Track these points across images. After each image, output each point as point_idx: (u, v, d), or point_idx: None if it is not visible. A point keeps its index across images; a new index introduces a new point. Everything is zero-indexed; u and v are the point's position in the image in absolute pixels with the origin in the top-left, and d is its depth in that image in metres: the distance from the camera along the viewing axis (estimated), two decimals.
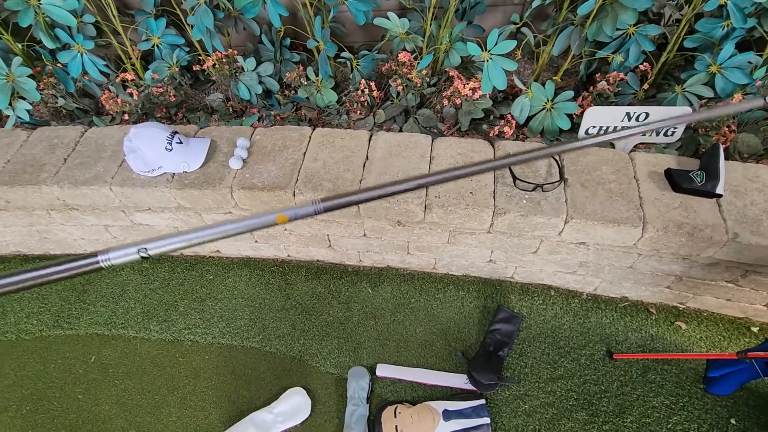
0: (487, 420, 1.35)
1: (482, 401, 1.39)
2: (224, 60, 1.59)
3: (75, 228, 1.71)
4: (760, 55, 1.39)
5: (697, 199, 1.27)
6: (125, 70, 1.67)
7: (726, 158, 1.36)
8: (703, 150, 1.40)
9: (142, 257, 0.49)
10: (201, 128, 1.60)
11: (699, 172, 1.28)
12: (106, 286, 1.77)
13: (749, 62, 1.37)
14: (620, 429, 1.37)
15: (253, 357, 1.57)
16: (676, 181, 1.29)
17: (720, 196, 1.26)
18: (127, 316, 1.69)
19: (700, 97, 1.44)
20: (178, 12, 1.58)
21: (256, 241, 1.72)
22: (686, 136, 1.45)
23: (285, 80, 1.63)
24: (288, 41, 1.70)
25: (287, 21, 1.65)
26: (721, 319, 1.57)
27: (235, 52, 1.62)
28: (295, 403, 1.43)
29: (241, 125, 1.63)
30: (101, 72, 1.64)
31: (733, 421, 1.36)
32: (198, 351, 1.60)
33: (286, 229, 1.61)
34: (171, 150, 1.40)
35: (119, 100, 1.60)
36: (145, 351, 1.61)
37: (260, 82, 1.65)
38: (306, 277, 1.76)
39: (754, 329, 1.54)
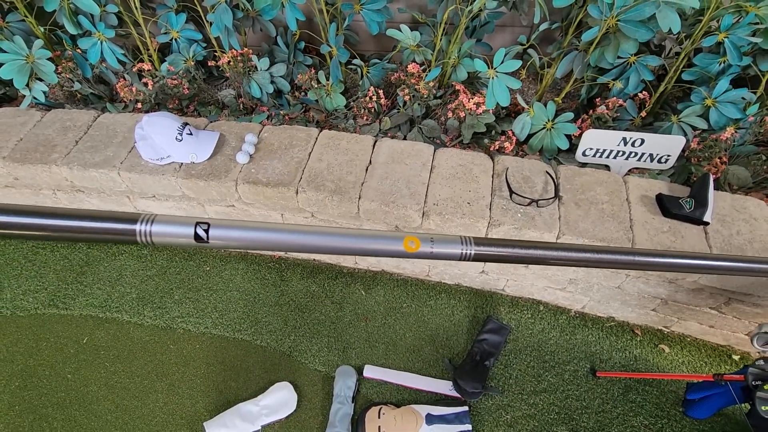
0: (468, 427, 1.37)
1: (465, 408, 1.42)
2: (239, 58, 1.64)
3: None
4: (754, 92, 1.45)
5: (685, 225, 1.31)
6: (142, 61, 1.72)
7: (716, 188, 1.41)
8: (695, 179, 1.45)
9: (197, 237, 0.35)
10: (211, 122, 1.64)
11: (689, 200, 1.33)
12: (104, 270, 1.79)
13: (743, 98, 1.42)
14: None
15: (244, 349, 1.60)
16: (666, 206, 1.33)
17: (707, 223, 1.30)
18: (122, 300, 1.71)
19: (694, 128, 1.50)
20: (199, 9, 1.64)
21: None
22: (679, 164, 1.50)
23: (296, 82, 1.68)
24: (302, 44, 1.75)
25: (303, 25, 1.71)
26: (703, 345, 1.61)
27: (250, 51, 1.67)
28: (281, 397, 1.45)
29: (251, 122, 1.67)
30: (119, 60, 1.69)
31: None
32: (189, 339, 1.62)
33: None
34: (181, 140, 1.44)
35: (134, 89, 1.65)
36: (138, 336, 1.63)
37: (272, 82, 1.70)
38: (301, 275, 1.79)
39: (735, 357, 1.57)
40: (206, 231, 0.35)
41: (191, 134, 1.47)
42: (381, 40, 1.86)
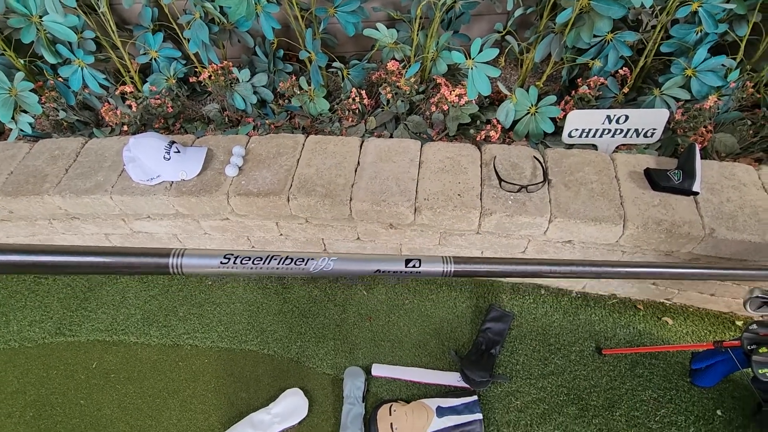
0: (479, 416, 1.39)
1: (475, 398, 1.43)
2: (220, 72, 1.65)
3: (76, 237, 1.76)
4: (734, 59, 1.45)
5: (675, 197, 1.32)
6: (124, 83, 1.72)
7: (703, 157, 1.42)
8: (681, 150, 1.45)
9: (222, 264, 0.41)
10: (198, 138, 1.65)
11: (677, 171, 1.33)
12: (107, 293, 1.81)
13: (723, 65, 1.43)
14: (609, 423, 1.41)
15: (252, 360, 1.61)
16: (655, 180, 1.34)
17: (697, 193, 1.31)
18: (127, 322, 1.72)
19: (677, 100, 1.50)
20: (175, 26, 1.64)
21: (253, 247, 1.76)
22: (665, 136, 1.51)
23: (279, 90, 1.69)
24: (281, 52, 1.76)
25: (280, 33, 1.72)
26: (706, 314, 1.61)
27: (230, 63, 1.68)
28: (292, 404, 1.47)
29: (237, 134, 1.68)
30: (101, 85, 1.69)
31: (719, 412, 1.40)
32: (197, 355, 1.63)
33: (281, 234, 1.66)
34: (169, 159, 1.45)
35: (118, 112, 1.66)
36: (146, 356, 1.64)
37: (255, 92, 1.71)
38: (303, 281, 1.80)
39: (739, 323, 1.58)
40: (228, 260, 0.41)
41: (179, 152, 1.48)
42: (359, 40, 1.86)
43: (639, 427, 1.39)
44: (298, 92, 1.66)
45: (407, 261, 0.40)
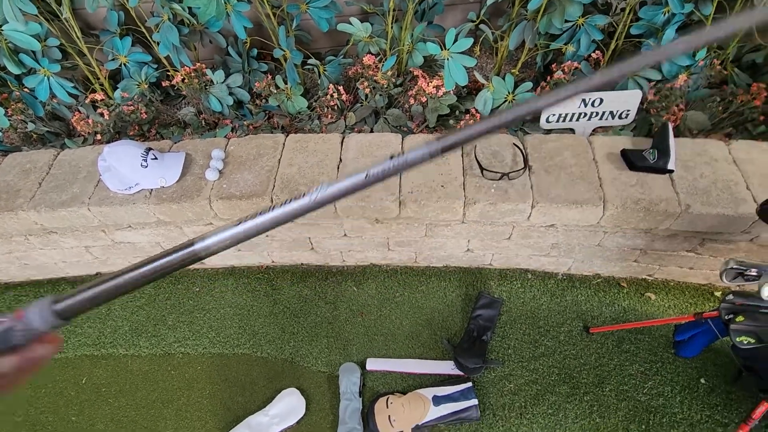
0: (474, 401, 1.41)
1: (469, 384, 1.45)
2: (193, 74, 1.62)
3: (55, 251, 1.71)
4: None
5: (651, 176, 1.35)
6: (94, 91, 1.67)
7: (676, 136, 1.45)
8: (655, 129, 1.49)
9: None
10: (175, 143, 1.62)
11: (651, 151, 1.37)
12: None
13: None
14: (600, 398, 1.45)
15: (245, 363, 1.60)
16: (631, 160, 1.37)
17: (672, 171, 1.35)
18: (115, 334, 1.69)
19: (649, 80, 1.53)
20: (143, 30, 1.60)
21: (240, 250, 1.75)
22: (640, 117, 1.54)
23: (255, 90, 1.67)
24: (255, 52, 1.73)
25: (252, 32, 1.69)
26: (686, 287, 1.67)
27: (204, 65, 1.65)
28: (289, 404, 1.47)
29: (215, 137, 1.65)
30: (70, 94, 1.64)
31: (702, 380, 1.45)
32: (190, 362, 1.62)
33: (267, 235, 1.65)
34: (146, 166, 1.42)
35: (90, 121, 1.61)
36: (137, 367, 1.62)
37: (231, 94, 1.68)
38: (291, 281, 1.79)
39: (717, 294, 1.64)
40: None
41: (156, 158, 1.45)
42: (334, 35, 1.85)
43: (628, 401, 1.43)
44: (275, 91, 1.64)
45: (391, 156, 0.38)
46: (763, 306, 0.88)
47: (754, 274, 0.88)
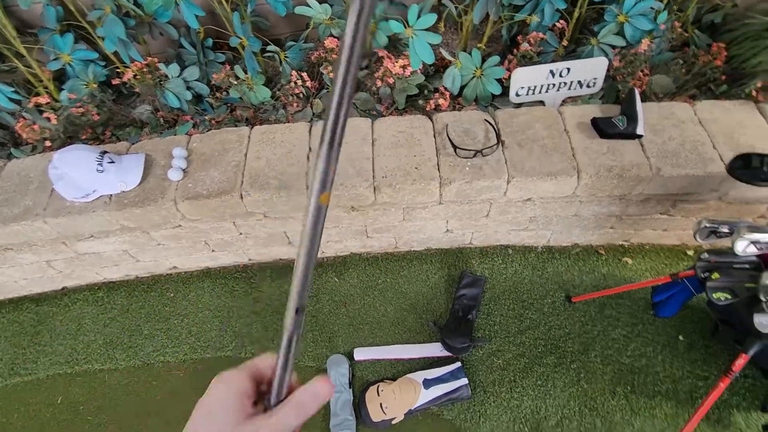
0: (464, 381, 1.41)
1: (458, 364, 1.45)
2: (145, 69, 1.52)
3: (13, 269, 1.61)
4: (661, 1, 1.49)
5: (622, 142, 1.36)
6: (38, 94, 1.56)
7: (643, 100, 1.46)
8: (623, 96, 1.49)
9: None
10: (133, 144, 1.53)
11: (620, 117, 1.37)
12: (60, 323, 1.68)
13: (651, 8, 1.46)
14: (586, 365, 1.47)
15: (229, 366, 1.55)
16: (601, 128, 1.37)
17: (641, 136, 1.35)
18: (88, 350, 1.62)
19: (613, 47, 1.53)
20: (85, 25, 1.49)
21: (213, 251, 1.68)
22: (607, 84, 1.54)
23: (214, 82, 1.58)
24: (210, 41, 1.64)
25: (206, 20, 1.59)
26: (661, 249, 1.71)
27: (156, 59, 1.55)
28: None
29: (176, 135, 1.57)
30: (11, 99, 1.52)
31: (681, 338, 1.50)
32: (171, 371, 1.56)
33: (241, 233, 1.59)
34: (103, 171, 1.33)
35: (36, 127, 1.50)
36: (115, 381, 1.55)
37: (188, 88, 1.60)
38: (271, 277, 1.74)
39: (690, 253, 1.69)
40: None
41: (113, 162, 1.36)
42: (293, 19, 1.76)
43: (613, 365, 1.47)
44: (235, 82, 1.56)
45: None
46: (737, 261, 0.90)
47: (726, 230, 0.89)
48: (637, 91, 1.40)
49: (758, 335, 0.89)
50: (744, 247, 0.83)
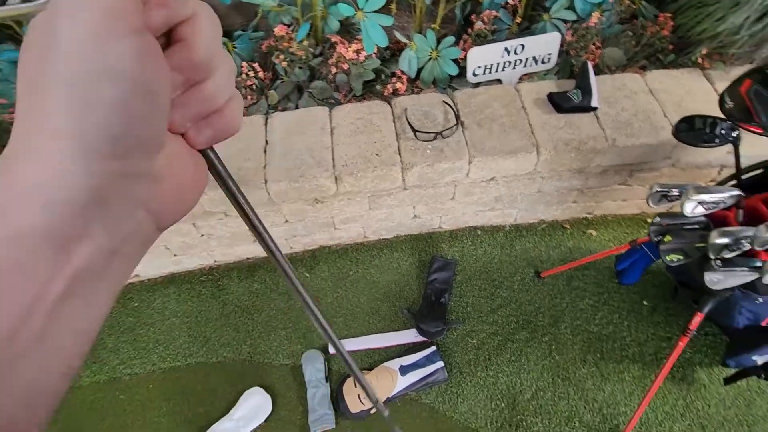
0: (440, 364, 1.42)
1: (433, 348, 1.46)
2: None
3: None
4: None
5: (578, 116, 1.38)
6: None
7: (597, 73, 1.48)
8: (577, 70, 1.51)
9: None
10: None
11: (575, 91, 1.38)
12: None
13: None
14: (557, 337, 1.51)
15: (202, 372, 1.51)
16: (557, 103, 1.38)
17: (596, 108, 1.37)
18: None
19: (565, 22, 1.54)
20: (11, 23, 1.38)
21: (176, 255, 1.62)
22: (561, 59, 1.55)
23: None
24: None
25: None
26: (623, 218, 1.75)
27: None
28: (254, 404, 1.41)
29: None
30: None
31: (645, 302, 1.55)
32: (140, 383, 1.50)
33: (203, 235, 1.53)
34: None
35: None
36: (79, 399, 1.48)
37: None
38: (239, 278, 1.69)
39: (650, 220, 1.73)
40: None
41: None
42: (241, 8, 1.68)
43: (582, 334, 1.50)
44: None
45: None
46: (686, 223, 0.92)
47: (676, 193, 0.92)
48: (590, 65, 1.42)
49: (711, 293, 0.93)
50: (692, 208, 0.85)
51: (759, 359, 1.18)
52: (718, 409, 1.35)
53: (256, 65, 1.50)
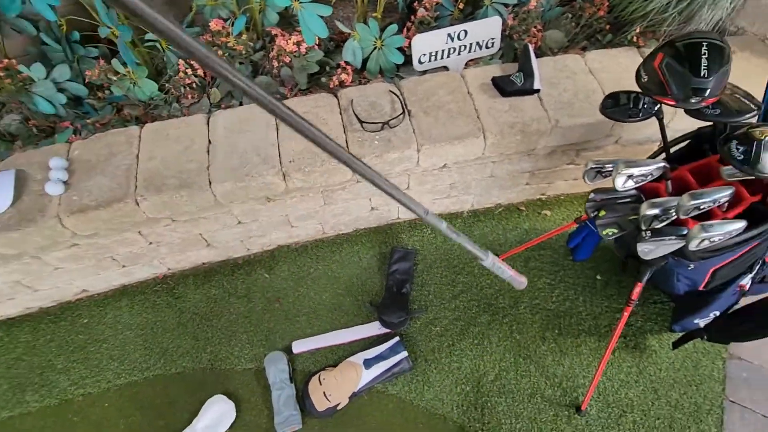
0: (404, 354, 1.42)
1: (396, 339, 1.46)
2: (3, 74, 1.33)
3: None
4: None
5: (521, 99, 1.39)
6: None
7: (539, 56, 1.50)
8: (519, 53, 1.52)
9: None
10: (2, 160, 1.34)
11: (518, 74, 1.40)
12: None
13: None
14: (517, 317, 1.54)
15: (160, 384, 1.45)
16: (501, 86, 1.40)
17: (538, 90, 1.39)
18: None
19: (506, 6, 1.55)
20: None
21: (124, 266, 1.54)
22: (504, 44, 1.56)
23: (89, 80, 1.42)
24: (77, 35, 1.46)
25: (68, 11, 1.41)
26: (575, 197, 1.80)
27: (15, 61, 1.36)
28: (217, 412, 1.37)
29: (54, 144, 1.39)
30: None
31: (598, 276, 1.60)
32: (94, 403, 1.43)
33: (151, 243, 1.46)
34: None
35: None
36: (28, 426, 1.39)
37: (61, 90, 1.42)
38: (195, 284, 1.64)
39: None
40: None
41: None
42: (175, 3, 1.61)
43: (541, 312, 1.54)
44: (115, 78, 1.41)
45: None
46: (619, 197, 0.95)
47: (609, 169, 0.94)
48: (531, 47, 1.44)
49: (647, 263, 0.96)
50: (623, 182, 0.88)
51: (701, 321, 1.24)
52: (668, 372, 1.41)
53: (194, 63, 1.44)
